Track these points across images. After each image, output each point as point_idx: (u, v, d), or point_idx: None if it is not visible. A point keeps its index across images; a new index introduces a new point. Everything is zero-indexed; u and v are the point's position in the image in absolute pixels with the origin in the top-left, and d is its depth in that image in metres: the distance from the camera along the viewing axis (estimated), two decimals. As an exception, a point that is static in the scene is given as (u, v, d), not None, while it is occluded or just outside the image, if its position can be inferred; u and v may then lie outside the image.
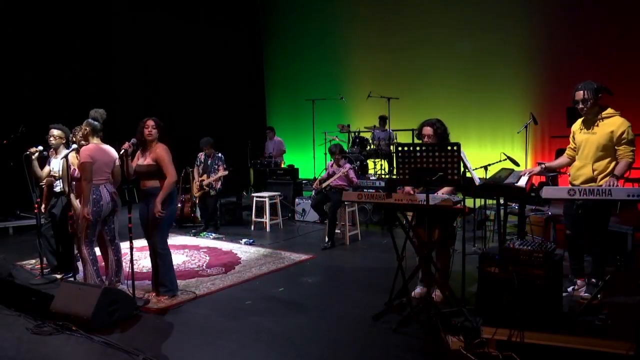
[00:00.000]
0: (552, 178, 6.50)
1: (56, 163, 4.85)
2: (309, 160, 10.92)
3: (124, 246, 4.40)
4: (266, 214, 7.54)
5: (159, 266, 4.21)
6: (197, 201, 7.66)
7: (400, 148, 3.38)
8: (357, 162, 8.52)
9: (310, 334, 3.48)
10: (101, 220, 4.17)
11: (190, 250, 6.16)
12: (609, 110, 3.71)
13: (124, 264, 4.56)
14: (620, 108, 3.76)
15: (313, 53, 12.48)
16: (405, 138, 9.78)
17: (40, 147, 4.87)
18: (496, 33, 9.69)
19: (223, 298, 4.31)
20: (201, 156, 7.32)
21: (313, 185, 7.07)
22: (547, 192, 3.28)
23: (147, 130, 4.09)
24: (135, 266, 3.99)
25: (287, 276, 4.98)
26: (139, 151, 4.20)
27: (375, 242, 6.53)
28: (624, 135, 3.60)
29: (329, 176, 6.66)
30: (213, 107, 11.62)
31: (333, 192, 6.49)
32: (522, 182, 3.72)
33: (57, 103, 8.49)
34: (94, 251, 4.20)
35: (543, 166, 4.11)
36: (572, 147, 3.99)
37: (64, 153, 4.65)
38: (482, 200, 6.10)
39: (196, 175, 7.37)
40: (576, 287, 4.00)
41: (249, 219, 7.80)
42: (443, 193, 3.87)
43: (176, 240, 6.36)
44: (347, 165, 6.74)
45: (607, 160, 3.68)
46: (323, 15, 12.29)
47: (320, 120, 10.72)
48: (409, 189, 4.04)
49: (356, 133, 9.57)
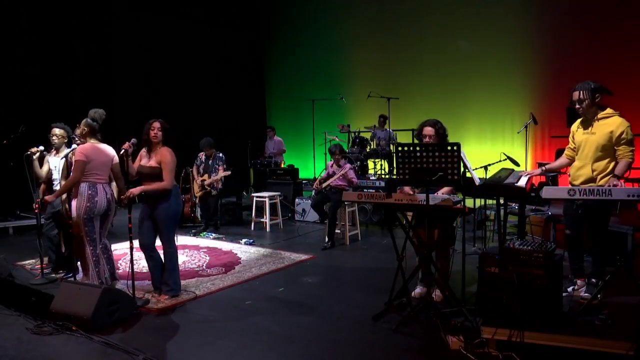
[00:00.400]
0: (552, 178, 6.50)
1: (57, 162, 4.85)
2: (309, 160, 10.93)
3: (124, 246, 4.40)
4: (266, 214, 7.54)
5: (165, 265, 4.21)
6: (198, 201, 7.66)
7: (400, 148, 3.38)
8: (357, 162, 8.52)
9: (310, 334, 3.48)
10: (96, 217, 4.14)
11: (190, 250, 6.16)
12: (608, 110, 3.71)
13: (125, 264, 4.56)
14: (620, 108, 3.75)
15: (313, 53, 12.48)
16: (405, 138, 9.78)
17: (41, 147, 4.87)
18: (496, 33, 9.69)
19: (223, 298, 4.31)
20: (202, 156, 7.32)
21: (313, 185, 7.07)
22: (547, 192, 3.28)
23: (153, 132, 4.08)
24: (135, 266, 3.99)
25: (287, 276, 4.98)
26: (144, 151, 4.19)
27: (375, 242, 6.53)
28: (623, 135, 3.59)
29: (329, 176, 6.66)
30: (213, 107, 11.63)
31: (333, 192, 6.49)
32: (522, 182, 3.72)
33: (57, 103, 8.49)
34: (98, 253, 4.18)
35: (543, 168, 4.11)
36: (572, 148, 3.98)
37: (65, 152, 4.65)
38: (482, 200, 6.11)
39: (196, 174, 7.37)
40: (576, 287, 4.00)
41: (249, 219, 7.80)
42: (443, 193, 3.87)
43: (176, 240, 6.33)
44: (347, 165, 6.74)
45: (607, 160, 3.67)
46: (323, 15, 12.30)
47: (320, 120, 10.72)
48: (408, 189, 4.05)
49: (356, 133, 9.57)
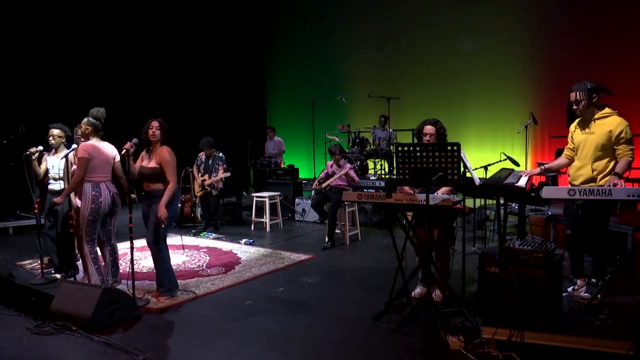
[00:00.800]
0: (552, 178, 6.50)
1: (55, 162, 4.85)
2: (309, 160, 10.92)
3: (124, 246, 4.40)
4: (266, 214, 7.54)
5: (156, 267, 4.22)
6: (198, 201, 7.66)
7: (400, 148, 3.38)
8: (357, 162, 8.52)
9: (310, 334, 3.48)
10: (100, 218, 4.17)
11: (190, 250, 6.16)
12: (606, 110, 3.70)
13: (125, 264, 4.56)
14: (620, 107, 3.75)
15: (313, 53, 12.48)
16: (405, 138, 9.78)
17: (40, 147, 4.87)
18: (496, 33, 9.69)
19: (223, 298, 4.31)
20: (202, 156, 7.32)
21: (313, 185, 7.07)
22: (547, 192, 3.28)
23: (151, 131, 4.09)
24: (135, 266, 3.99)
25: (287, 276, 4.98)
26: (144, 152, 4.20)
27: (375, 242, 6.53)
28: (622, 134, 3.59)
29: (328, 176, 6.66)
30: (213, 107, 11.63)
31: (333, 192, 6.49)
32: (522, 182, 3.72)
33: (57, 103, 8.48)
34: (96, 250, 4.20)
35: (543, 167, 4.11)
36: (571, 148, 3.98)
37: (64, 152, 4.65)
38: (482, 200, 6.11)
39: (196, 174, 7.37)
40: (576, 287, 4.00)
41: (249, 219, 7.80)
42: (442, 193, 3.87)
43: (176, 240, 6.36)
44: (348, 165, 6.73)
45: (606, 160, 3.67)
46: (323, 15, 12.29)
47: (320, 120, 10.72)
48: (407, 189, 4.04)
49: (356, 133, 9.57)
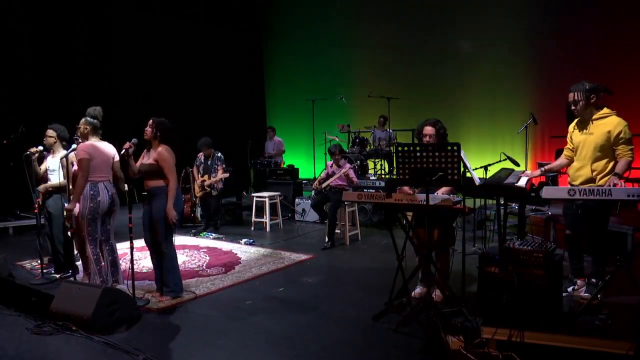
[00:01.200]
0: (552, 178, 6.50)
1: (52, 162, 4.85)
2: (309, 160, 10.92)
3: (124, 246, 4.40)
4: (266, 214, 7.54)
5: (163, 266, 4.21)
6: (198, 201, 7.66)
7: (400, 148, 3.38)
8: (357, 162, 8.52)
9: (310, 334, 3.48)
10: (99, 216, 4.17)
11: (190, 250, 6.16)
12: (605, 110, 3.70)
13: (125, 264, 4.56)
14: (620, 107, 3.75)
15: (313, 53, 12.48)
16: (405, 138, 9.78)
17: (40, 147, 4.87)
18: (496, 33, 9.69)
19: (223, 298, 4.31)
20: (201, 156, 7.32)
21: (313, 185, 7.07)
22: (547, 192, 3.28)
23: (145, 129, 4.16)
24: (135, 266, 3.99)
25: (287, 276, 4.98)
26: (145, 150, 4.26)
27: (375, 242, 6.53)
28: (621, 134, 3.59)
29: (328, 176, 6.66)
30: (213, 107, 11.62)
31: (333, 192, 6.48)
32: (522, 182, 3.72)
33: (57, 103, 8.49)
34: (99, 252, 4.19)
35: (543, 168, 4.11)
36: (570, 148, 3.98)
37: (64, 153, 4.65)
38: (482, 200, 6.10)
39: (196, 175, 7.37)
40: (576, 287, 4.00)
41: (249, 219, 7.80)
42: (442, 193, 3.87)
43: (176, 240, 6.33)
44: (347, 165, 6.73)
45: (606, 160, 3.67)
46: (323, 15, 12.29)
47: (320, 120, 10.72)
48: (407, 189, 4.04)
49: (356, 133, 9.57)
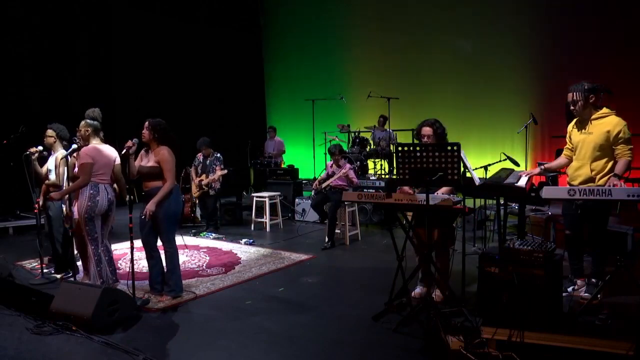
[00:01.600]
0: (552, 178, 6.50)
1: (50, 162, 4.85)
2: (309, 160, 10.92)
3: (124, 246, 4.40)
4: (266, 214, 7.54)
5: (166, 265, 4.22)
6: (197, 201, 7.66)
7: (400, 148, 3.38)
8: (357, 162, 8.52)
9: (310, 334, 3.48)
10: (97, 216, 4.15)
11: (190, 250, 6.16)
12: (604, 110, 3.70)
13: (125, 264, 4.56)
14: (620, 107, 3.75)
15: (313, 53, 12.47)
16: (405, 138, 9.78)
17: (40, 147, 4.87)
18: (496, 33, 9.68)
19: (223, 298, 4.32)
20: (200, 156, 7.32)
21: (313, 185, 7.07)
22: (547, 192, 3.28)
23: (142, 131, 4.13)
24: (135, 266, 3.99)
25: (287, 276, 4.98)
26: (143, 151, 4.22)
27: (375, 242, 6.53)
28: (621, 134, 3.59)
29: (328, 176, 6.66)
30: (213, 107, 11.63)
31: (333, 192, 6.48)
32: (522, 182, 3.71)
33: (57, 103, 8.49)
34: (100, 253, 4.19)
35: (542, 167, 4.11)
36: (570, 148, 3.98)
37: (64, 153, 4.65)
38: (482, 200, 6.10)
39: (194, 175, 7.37)
40: (576, 287, 4.00)
41: (249, 219, 7.80)
42: (442, 193, 3.87)
43: (176, 240, 6.34)
44: (348, 165, 6.73)
45: (605, 160, 3.67)
46: (323, 15, 12.28)
47: (320, 120, 10.72)
48: (407, 189, 4.04)
49: (356, 133, 9.57)
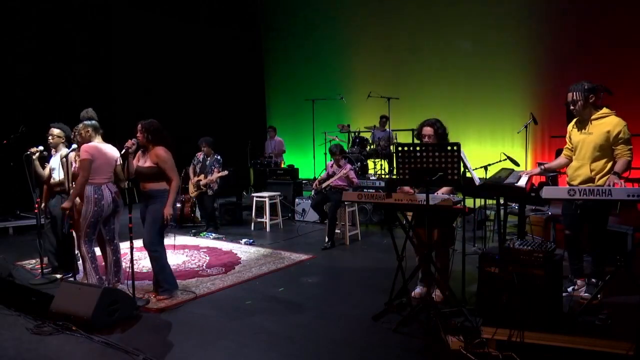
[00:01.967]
0: (552, 178, 6.50)
1: (53, 162, 4.85)
2: (309, 160, 10.92)
3: (124, 246, 4.40)
4: (266, 214, 7.54)
5: (153, 267, 4.23)
6: (196, 201, 7.66)
7: (400, 148, 3.38)
8: (357, 162, 8.52)
9: (310, 334, 3.48)
10: (101, 220, 4.19)
11: (190, 250, 6.16)
12: (604, 110, 3.71)
13: (125, 264, 4.57)
14: (620, 107, 3.75)
15: (313, 53, 12.48)
16: (405, 138, 9.78)
17: (40, 147, 4.87)
18: (496, 33, 9.69)
19: (223, 298, 4.31)
20: (199, 156, 7.32)
21: (313, 185, 7.07)
22: (547, 192, 3.28)
23: (137, 135, 4.12)
24: (135, 266, 3.99)
25: (287, 276, 4.98)
26: (140, 152, 4.21)
27: (375, 242, 6.53)
28: (621, 134, 3.59)
29: (329, 176, 6.66)
30: (213, 107, 11.63)
31: (333, 192, 6.48)
32: (522, 182, 3.71)
33: (57, 103, 8.48)
34: (93, 250, 4.21)
35: (542, 167, 4.11)
36: (569, 147, 3.98)
37: (65, 152, 4.65)
38: (482, 200, 6.10)
39: (191, 174, 7.37)
40: (576, 287, 4.00)
41: (249, 219, 7.80)
42: (443, 193, 3.87)
43: (176, 240, 6.36)
44: (348, 165, 6.73)
45: (605, 160, 3.67)
46: (323, 15, 12.29)
47: (320, 120, 10.72)
48: (407, 189, 4.04)
49: (356, 133, 9.57)
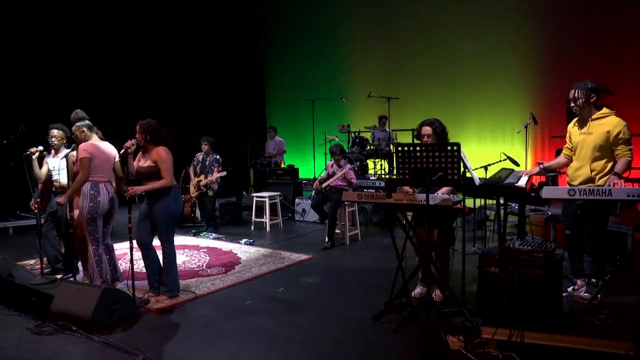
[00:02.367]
0: (552, 178, 6.50)
1: (55, 162, 4.84)
2: (309, 160, 10.92)
3: (124, 246, 4.40)
4: (266, 214, 7.54)
5: (163, 265, 4.22)
6: (196, 201, 7.66)
7: (400, 148, 3.38)
8: (357, 162, 8.52)
9: (310, 334, 3.48)
10: (99, 216, 4.17)
11: (190, 250, 6.16)
12: (604, 110, 3.70)
13: (125, 264, 4.56)
14: (619, 107, 3.75)
15: (313, 53, 12.48)
16: (405, 138, 9.78)
17: (40, 147, 4.86)
18: (496, 33, 9.69)
19: (223, 298, 4.31)
20: (199, 156, 7.32)
21: (313, 185, 7.07)
22: (547, 192, 3.28)
23: (136, 136, 4.11)
24: (135, 266, 3.99)
25: (287, 276, 4.98)
26: (140, 152, 4.22)
27: (375, 242, 6.53)
28: (621, 135, 3.59)
29: (329, 176, 6.66)
30: (213, 108, 11.63)
31: (333, 192, 6.48)
32: (522, 182, 3.71)
33: (57, 103, 8.47)
34: (100, 252, 4.20)
35: (542, 166, 4.11)
36: (569, 147, 3.98)
37: (64, 152, 4.64)
38: (482, 200, 6.10)
39: (192, 174, 7.37)
40: (576, 287, 4.00)
41: (249, 219, 7.81)
42: (443, 193, 3.87)
43: (176, 240, 6.33)
44: (348, 165, 6.73)
45: (605, 160, 3.67)
46: (323, 15, 12.29)
47: (320, 120, 10.72)
48: (407, 189, 4.04)
49: (356, 133, 9.57)
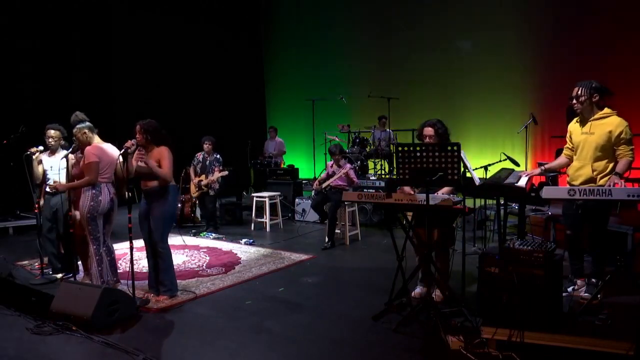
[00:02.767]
0: (552, 178, 6.50)
1: (53, 162, 4.84)
2: (309, 160, 10.91)
3: (124, 246, 4.40)
4: (266, 214, 7.54)
5: (159, 265, 4.21)
6: (197, 201, 7.66)
7: (400, 148, 3.38)
8: (357, 162, 8.52)
9: (310, 334, 3.48)
10: (99, 216, 4.17)
11: (190, 250, 6.16)
12: (606, 110, 3.71)
13: (125, 264, 4.56)
14: (620, 107, 3.75)
15: (313, 53, 12.48)
16: (405, 138, 9.78)
17: (40, 147, 4.87)
18: (496, 33, 9.68)
19: (223, 298, 4.32)
20: (199, 156, 7.32)
21: (313, 185, 7.07)
22: (547, 192, 3.28)
23: (136, 136, 4.11)
24: (135, 266, 3.99)
25: (287, 276, 4.98)
26: (137, 152, 4.21)
27: (375, 242, 6.53)
28: (622, 135, 3.60)
29: (329, 176, 6.66)
30: (213, 107, 11.63)
31: (333, 192, 6.48)
32: (522, 182, 3.72)
33: (57, 103, 8.48)
34: (101, 251, 4.20)
35: (543, 167, 4.11)
36: (570, 147, 3.98)
37: (63, 153, 4.64)
38: (482, 200, 6.10)
39: (192, 174, 7.37)
40: (576, 287, 4.00)
41: (249, 219, 7.81)
42: (443, 193, 3.87)
43: (176, 240, 6.36)
44: (348, 165, 6.73)
45: (606, 160, 3.67)
46: (323, 15, 12.29)
47: (320, 120, 10.72)
48: (407, 189, 4.04)
49: (356, 133, 9.57)
